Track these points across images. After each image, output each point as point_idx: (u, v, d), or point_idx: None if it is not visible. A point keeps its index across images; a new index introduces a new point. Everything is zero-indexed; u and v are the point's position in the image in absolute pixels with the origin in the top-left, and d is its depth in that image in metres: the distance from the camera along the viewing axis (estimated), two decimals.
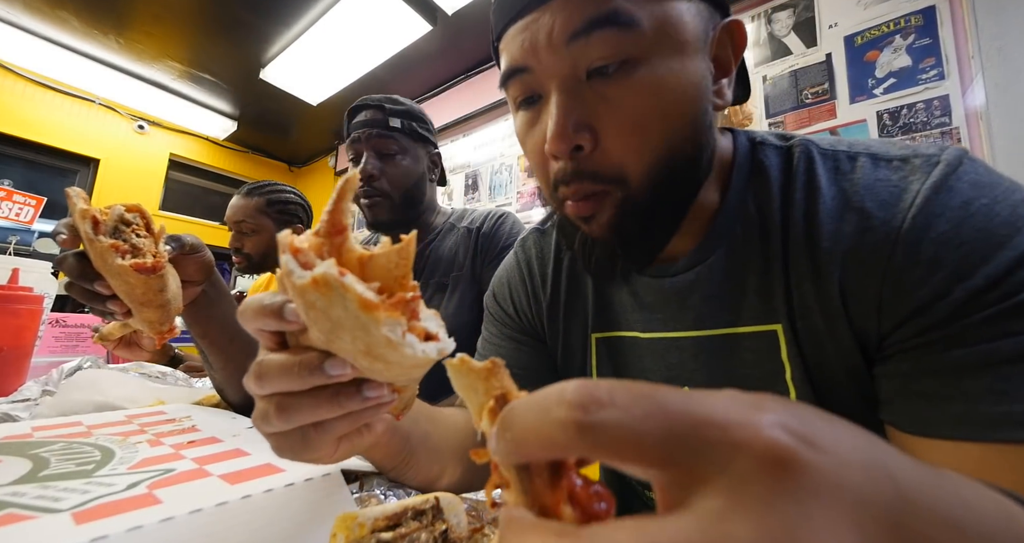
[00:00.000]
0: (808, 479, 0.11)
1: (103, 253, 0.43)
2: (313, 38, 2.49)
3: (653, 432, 0.12)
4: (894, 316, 0.34)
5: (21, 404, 0.62)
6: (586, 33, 0.35)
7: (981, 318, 0.30)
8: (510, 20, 0.39)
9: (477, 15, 2.24)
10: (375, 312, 0.18)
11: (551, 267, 0.56)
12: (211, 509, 0.28)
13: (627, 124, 0.37)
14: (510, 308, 0.59)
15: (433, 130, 1.05)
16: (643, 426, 0.12)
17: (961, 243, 0.31)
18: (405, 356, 0.20)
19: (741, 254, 0.42)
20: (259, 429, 0.26)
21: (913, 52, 1.38)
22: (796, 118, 1.57)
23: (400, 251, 0.21)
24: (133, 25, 2.59)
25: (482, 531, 0.29)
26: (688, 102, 0.37)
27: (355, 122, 0.96)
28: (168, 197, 3.66)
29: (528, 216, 2.35)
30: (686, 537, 0.11)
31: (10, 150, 3.00)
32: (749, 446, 0.11)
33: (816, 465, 0.11)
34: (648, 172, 0.37)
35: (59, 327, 1.01)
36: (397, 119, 0.95)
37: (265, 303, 0.24)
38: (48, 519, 0.26)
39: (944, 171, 0.34)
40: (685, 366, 0.45)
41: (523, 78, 0.40)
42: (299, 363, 0.23)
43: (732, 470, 0.11)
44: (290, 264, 0.19)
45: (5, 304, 0.70)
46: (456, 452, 0.45)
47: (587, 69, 0.37)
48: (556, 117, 0.37)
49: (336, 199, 0.21)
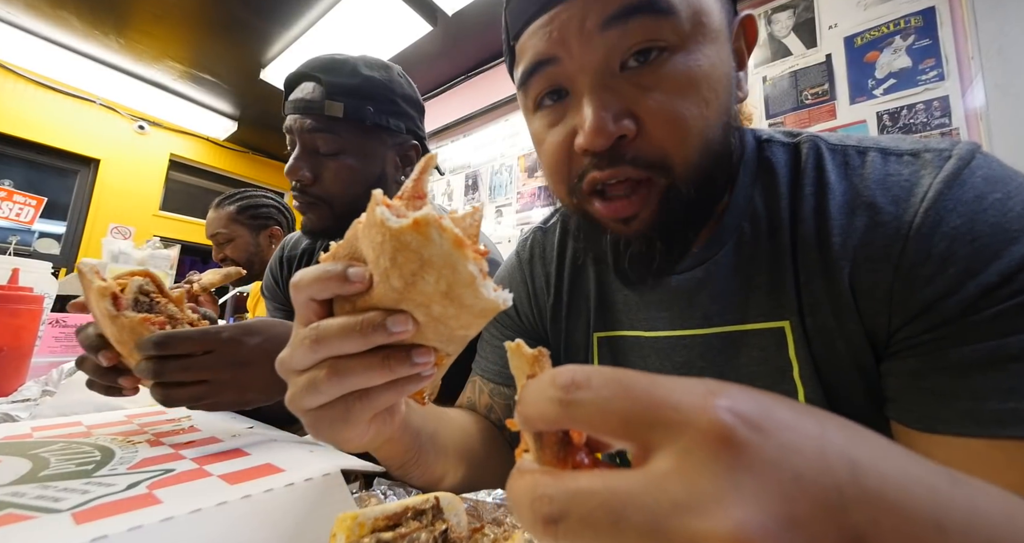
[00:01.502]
0: (745, 455, 0.12)
1: (134, 327, 0.42)
2: (313, 38, 2.49)
3: (618, 410, 0.14)
4: (904, 312, 0.34)
5: (21, 404, 0.62)
6: (624, 19, 0.34)
7: (991, 314, 0.30)
8: (533, 15, 0.38)
9: (477, 15, 2.25)
10: (465, 249, 0.21)
11: (554, 266, 0.56)
12: (211, 509, 0.28)
13: (670, 110, 0.35)
14: (511, 309, 0.59)
15: (412, 109, 0.77)
16: (610, 405, 0.14)
17: (974, 238, 0.31)
18: (479, 297, 0.22)
19: (749, 251, 0.42)
20: (298, 405, 0.26)
21: (913, 53, 1.38)
22: (796, 119, 1.58)
23: (472, 214, 0.26)
24: (133, 25, 2.59)
25: (482, 531, 0.29)
26: (723, 90, 0.37)
27: (288, 101, 0.71)
28: (168, 197, 3.67)
29: (528, 216, 2.35)
30: (633, 487, 0.13)
31: (10, 150, 3.01)
32: (696, 423, 0.13)
33: (755, 444, 0.13)
34: (691, 160, 0.37)
35: (59, 327, 1.01)
36: (339, 102, 0.68)
37: (327, 269, 0.24)
38: (48, 519, 0.26)
39: (957, 165, 0.33)
40: (692, 365, 0.44)
41: (549, 71, 0.38)
42: (362, 321, 0.24)
43: (681, 442, 0.13)
44: (386, 213, 0.21)
45: (5, 304, 0.70)
46: (460, 453, 0.45)
47: (620, 60, 0.36)
48: (594, 109, 0.35)
49: (419, 171, 0.25)
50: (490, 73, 2.65)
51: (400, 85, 0.76)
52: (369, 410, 0.27)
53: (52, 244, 3.16)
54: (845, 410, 0.38)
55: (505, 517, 0.32)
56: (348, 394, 0.26)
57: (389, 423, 0.31)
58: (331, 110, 0.68)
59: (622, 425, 0.14)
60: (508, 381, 0.56)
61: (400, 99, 0.75)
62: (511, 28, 0.41)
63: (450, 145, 2.86)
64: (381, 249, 0.22)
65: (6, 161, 3.00)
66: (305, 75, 0.71)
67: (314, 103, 0.68)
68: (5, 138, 2.94)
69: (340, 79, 0.69)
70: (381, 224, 0.22)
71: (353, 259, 0.26)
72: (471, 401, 0.59)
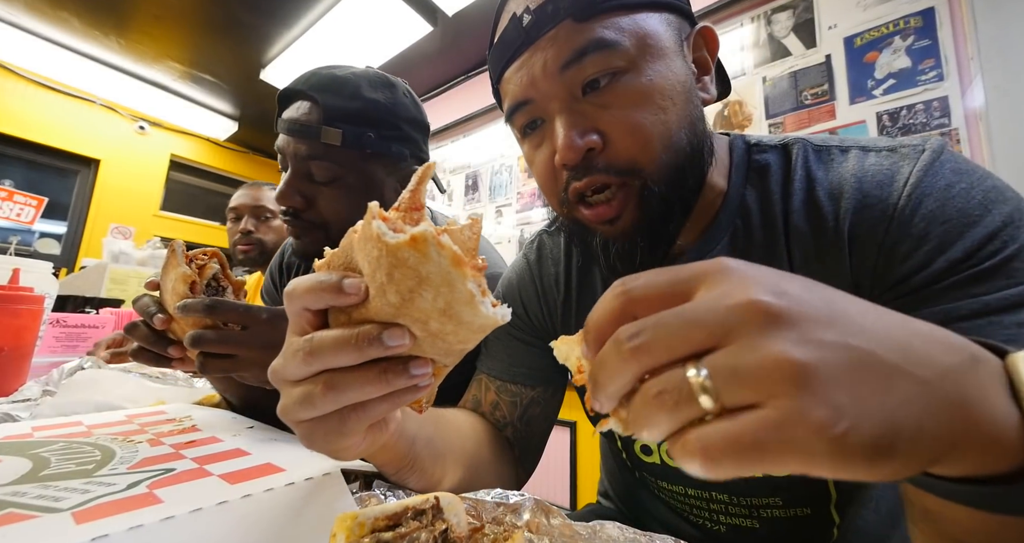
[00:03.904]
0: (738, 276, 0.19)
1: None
2: (314, 39, 2.49)
3: (662, 281, 0.20)
4: (882, 285, 0.38)
5: (21, 404, 0.62)
6: (578, 60, 0.40)
7: (949, 284, 0.34)
8: (506, 63, 0.45)
9: (477, 16, 2.25)
10: (464, 267, 0.21)
11: (562, 266, 0.58)
12: (211, 508, 0.28)
13: (629, 121, 0.41)
14: (519, 309, 0.60)
15: (416, 132, 0.71)
16: (657, 278, 0.20)
17: (945, 220, 0.35)
18: (478, 314, 0.22)
19: (742, 245, 0.45)
20: (292, 417, 0.26)
21: (912, 53, 1.38)
22: (796, 119, 1.58)
23: (471, 227, 0.25)
24: (134, 26, 2.59)
25: (482, 531, 0.29)
26: (677, 96, 0.42)
27: (281, 119, 0.65)
28: (169, 197, 3.67)
29: (528, 216, 2.35)
30: (688, 306, 0.18)
31: (11, 150, 3.01)
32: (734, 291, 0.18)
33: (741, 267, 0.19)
34: (659, 159, 0.41)
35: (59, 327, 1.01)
36: (337, 128, 0.62)
37: (321, 279, 0.24)
38: (49, 518, 0.26)
39: (931, 156, 0.38)
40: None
41: (527, 109, 0.45)
42: (357, 335, 0.23)
43: (714, 290, 0.18)
44: (382, 227, 0.21)
45: (5, 304, 0.70)
46: (458, 456, 0.45)
47: (581, 86, 0.42)
48: (564, 129, 0.41)
49: (416, 182, 0.25)
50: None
51: (405, 107, 0.69)
52: (365, 422, 0.26)
53: (52, 244, 3.16)
54: None
55: (505, 517, 0.32)
56: (344, 407, 0.26)
57: (384, 431, 0.31)
58: (328, 137, 0.62)
59: (669, 289, 0.19)
60: (515, 378, 0.58)
61: (404, 123, 0.68)
62: (493, 73, 0.48)
63: (450, 145, 2.86)
64: (378, 264, 0.22)
65: (6, 161, 3.00)
66: (301, 93, 0.65)
67: (310, 128, 0.62)
68: (5, 138, 2.94)
69: (339, 102, 0.63)
70: (377, 238, 0.21)
71: (348, 269, 0.25)
72: (476, 399, 0.59)
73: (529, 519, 0.31)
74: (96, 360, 0.81)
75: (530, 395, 0.58)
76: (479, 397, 0.59)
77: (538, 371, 0.58)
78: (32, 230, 2.96)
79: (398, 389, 0.25)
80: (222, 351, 0.45)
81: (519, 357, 0.58)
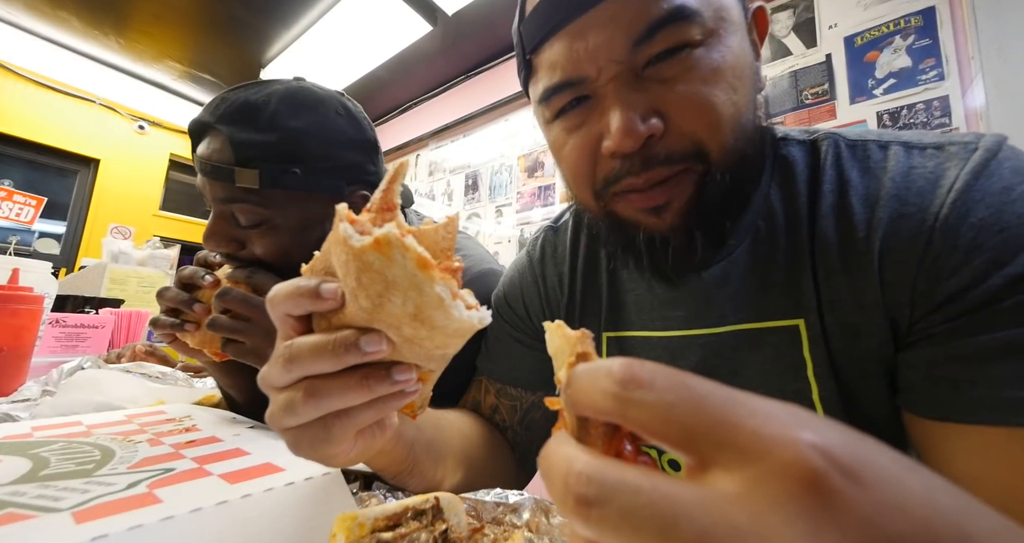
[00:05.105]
0: (834, 505, 0.11)
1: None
2: (313, 38, 2.49)
3: (682, 420, 0.13)
4: (926, 303, 0.33)
5: (21, 404, 0.62)
6: (650, 36, 0.34)
7: (1013, 303, 0.29)
8: (550, 31, 0.37)
9: (477, 15, 2.25)
10: (430, 270, 0.20)
11: (567, 266, 0.55)
12: (211, 508, 0.28)
13: (697, 98, 0.35)
14: (520, 309, 0.58)
15: (358, 154, 0.58)
16: (673, 412, 0.13)
17: (1002, 228, 0.30)
18: (451, 319, 0.21)
19: (764, 249, 0.42)
20: (277, 424, 0.25)
21: (913, 53, 1.38)
22: (796, 119, 1.58)
23: (446, 226, 0.24)
24: (133, 25, 2.59)
25: (482, 531, 0.29)
26: (747, 79, 0.37)
27: (196, 155, 0.54)
28: (168, 197, 3.67)
29: (528, 216, 2.35)
30: (688, 499, 0.12)
31: (10, 150, 3.01)
32: (778, 456, 0.11)
33: (847, 495, 0.11)
34: (727, 144, 0.36)
35: (59, 327, 1.01)
36: (252, 170, 0.51)
37: (299, 285, 0.24)
38: (48, 518, 0.26)
39: (984, 156, 0.33)
40: (707, 363, 0.44)
41: (575, 89, 0.38)
42: (334, 341, 0.23)
43: (752, 470, 0.12)
44: (348, 230, 0.20)
45: (5, 304, 0.70)
46: (458, 456, 0.45)
47: (646, 60, 0.36)
48: (621, 111, 0.35)
49: (388, 182, 0.24)
50: (490, 73, 2.65)
51: (338, 129, 0.56)
52: (351, 428, 0.26)
53: (52, 244, 3.16)
54: (862, 406, 0.38)
55: (505, 517, 0.32)
56: (328, 414, 0.25)
57: (379, 436, 0.30)
58: (244, 180, 0.51)
59: (683, 436, 0.13)
60: (516, 382, 0.56)
61: (339, 148, 0.56)
62: (527, 43, 0.40)
63: (450, 145, 2.86)
64: (347, 268, 0.21)
65: (6, 161, 3.00)
66: (209, 127, 0.53)
67: (221, 169, 0.51)
68: (5, 138, 2.94)
69: (251, 135, 0.51)
70: (344, 242, 0.20)
71: (328, 273, 0.24)
72: (475, 401, 0.58)
73: (529, 519, 0.31)
74: (96, 359, 0.81)
75: (531, 399, 0.56)
76: (479, 399, 0.58)
77: (539, 374, 0.56)
78: (32, 230, 2.96)
79: (382, 395, 0.24)
80: (231, 336, 0.48)
81: (519, 360, 0.56)
